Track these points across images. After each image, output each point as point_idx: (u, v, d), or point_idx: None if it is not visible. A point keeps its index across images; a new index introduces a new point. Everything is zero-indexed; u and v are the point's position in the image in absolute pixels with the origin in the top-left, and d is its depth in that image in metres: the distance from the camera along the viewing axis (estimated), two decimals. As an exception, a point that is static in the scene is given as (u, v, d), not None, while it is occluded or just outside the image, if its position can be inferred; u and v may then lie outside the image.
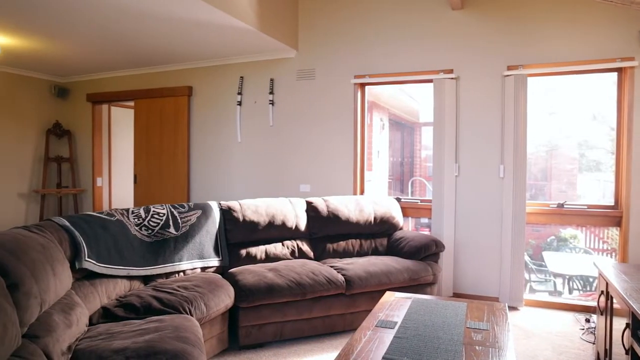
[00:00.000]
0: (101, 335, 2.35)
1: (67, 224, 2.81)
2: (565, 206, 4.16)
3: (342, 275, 3.52)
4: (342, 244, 4.19)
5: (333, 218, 4.14)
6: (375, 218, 4.29)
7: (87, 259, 2.78)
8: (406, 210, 4.70)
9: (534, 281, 5.44)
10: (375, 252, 4.26)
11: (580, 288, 5.21)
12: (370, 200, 4.40)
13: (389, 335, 2.26)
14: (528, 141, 4.14)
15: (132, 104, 6.31)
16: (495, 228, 4.28)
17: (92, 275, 2.86)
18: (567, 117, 5.56)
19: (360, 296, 3.54)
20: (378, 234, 4.35)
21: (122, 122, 7.05)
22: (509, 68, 4.19)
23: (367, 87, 4.96)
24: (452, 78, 4.38)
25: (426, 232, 5.06)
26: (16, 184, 6.34)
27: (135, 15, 3.86)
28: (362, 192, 4.94)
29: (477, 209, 4.36)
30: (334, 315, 3.49)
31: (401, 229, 4.48)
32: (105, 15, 3.88)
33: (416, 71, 4.55)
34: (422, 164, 8.07)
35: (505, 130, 4.18)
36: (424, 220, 5.53)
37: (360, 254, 4.20)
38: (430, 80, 4.49)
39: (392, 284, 3.58)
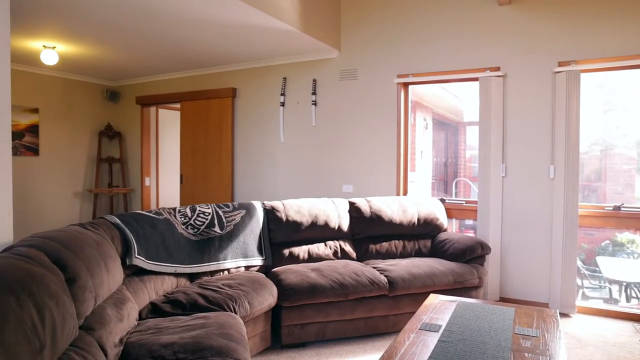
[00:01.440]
0: (150, 329, 2.42)
1: (119, 222, 2.92)
2: (622, 209, 3.95)
3: (385, 276, 3.49)
4: (385, 245, 4.15)
5: (376, 219, 4.11)
6: (418, 219, 4.23)
7: (137, 256, 2.88)
8: (450, 212, 4.61)
9: (586, 287, 5.20)
10: (419, 253, 4.19)
11: (639, 296, 4.93)
12: (414, 201, 4.34)
13: (433, 339, 2.21)
14: (580, 140, 3.96)
15: (178, 106, 6.49)
16: (545, 231, 4.12)
17: (141, 272, 2.96)
18: (624, 114, 5.28)
19: (403, 298, 3.50)
20: (421, 235, 4.29)
21: (169, 124, 7.29)
22: (560, 64, 4.02)
23: (410, 87, 4.90)
24: (498, 76, 4.25)
25: (471, 234, 4.93)
26: (71, 184, 6.66)
27: (184, 20, 3.97)
28: (405, 193, 4.88)
29: (526, 210, 4.21)
30: (376, 317, 3.47)
31: (445, 230, 4.39)
32: (155, 21, 4.01)
33: (461, 69, 4.45)
34: (466, 165, 7.87)
35: (556, 129, 4.02)
36: (469, 222, 5.40)
37: (403, 255, 4.15)
38: (475, 79, 4.37)
39: (436, 287, 3.52)
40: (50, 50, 4.91)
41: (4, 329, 1.33)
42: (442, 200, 4.60)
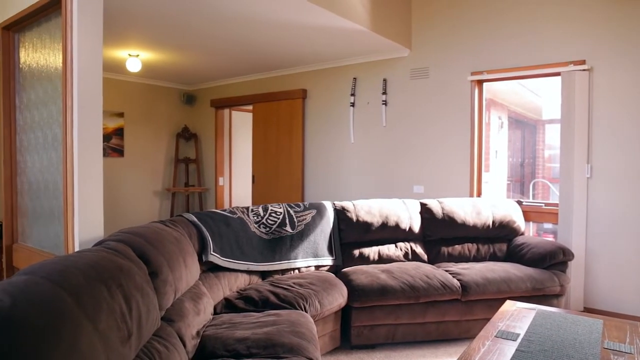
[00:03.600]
0: (224, 324, 2.51)
1: (196, 220, 3.05)
2: None
3: (458, 280, 3.37)
4: (458, 247, 4.02)
5: (448, 220, 3.99)
6: (493, 222, 4.05)
7: (212, 252, 3.00)
8: (528, 215, 4.37)
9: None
10: (494, 257, 4.02)
11: None
12: (489, 203, 4.16)
13: (510, 348, 2.11)
14: (679, 138, 3.61)
15: (250, 107, 6.69)
16: (637, 236, 3.79)
17: (216, 268, 3.07)
18: None
19: (477, 303, 3.37)
20: (496, 238, 4.10)
21: (241, 125, 7.53)
22: (656, 56, 3.69)
23: (484, 84, 4.71)
24: (584, 70, 3.97)
25: (550, 238, 4.65)
26: (152, 183, 7.07)
27: (257, 24, 4.08)
28: (479, 195, 4.70)
29: (615, 214, 3.89)
30: (448, 322, 3.36)
31: (522, 234, 4.18)
32: (230, 27, 4.16)
33: (540, 64, 4.21)
34: (545, 165, 7.45)
35: (650, 126, 3.69)
36: (548, 226, 5.10)
37: (477, 259, 3.99)
38: (557, 74, 4.11)
39: (512, 293, 3.35)
40: (134, 59, 5.25)
41: (98, 316, 1.44)
42: (519, 203, 4.37)
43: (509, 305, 2.72)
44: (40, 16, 2.61)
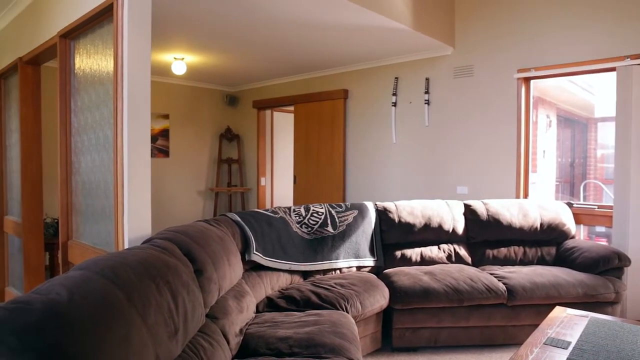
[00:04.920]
0: (267, 322, 2.54)
1: (239, 219, 3.10)
2: None
3: (504, 284, 3.27)
4: (503, 250, 3.90)
5: (493, 222, 3.88)
6: (541, 224, 3.91)
7: (255, 252, 3.04)
8: (579, 217, 4.18)
9: None
10: (542, 261, 3.87)
11: None
12: (536, 205, 4.02)
13: (560, 356, 2.02)
14: None
15: (292, 108, 6.74)
16: (700, 242, 3.56)
17: (258, 267, 3.11)
18: None
19: (523, 308, 3.25)
20: (545, 241, 3.95)
21: (283, 126, 7.61)
22: None
23: (532, 82, 4.54)
24: (640, 65, 3.76)
25: (603, 242, 4.43)
26: (195, 183, 7.25)
27: (298, 25, 4.11)
28: (525, 196, 4.54)
29: (674, 218, 3.67)
30: (493, 327, 3.27)
31: (573, 237, 4.00)
32: (272, 28, 4.21)
33: (593, 59, 4.02)
34: (597, 165, 7.10)
35: None
36: (600, 229, 4.86)
37: (524, 262, 3.86)
38: (612, 69, 3.92)
39: (562, 299, 3.22)
40: (179, 62, 5.40)
41: (147, 311, 1.48)
42: (570, 204, 4.20)
43: (559, 312, 2.61)
44: (94, 23, 2.73)
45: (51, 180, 4.85)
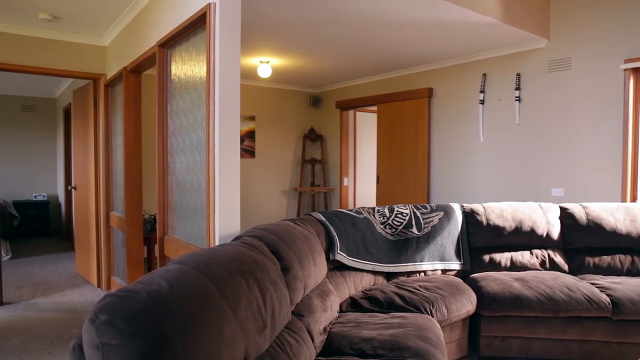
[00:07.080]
0: (350, 322, 2.54)
1: (324, 219, 3.14)
2: None
3: (607, 295, 3.00)
4: (607, 258, 3.58)
5: (594, 228, 3.58)
6: (652, 231, 3.53)
7: (339, 251, 3.06)
8: (698, 224, 3.73)
9: None
10: (652, 272, 3.51)
11: None
12: (645, 209, 3.64)
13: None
14: None
15: (375, 108, 6.70)
16: None
17: (342, 267, 3.13)
18: None
19: (632, 324, 2.95)
20: (656, 250, 3.57)
21: (366, 126, 7.60)
22: None
23: (641, 73, 4.13)
24: None
25: None
26: (280, 182, 7.46)
27: (382, 24, 4.07)
28: (633, 199, 4.13)
29: None
30: (595, 342, 3.01)
31: (691, 246, 3.58)
32: (355, 28, 4.21)
33: None
34: None
35: None
36: None
37: (632, 273, 3.51)
38: None
39: (678, 314, 2.89)
40: (265, 65, 5.58)
41: (238, 305, 1.55)
42: (686, 209, 3.75)
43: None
44: (189, 32, 2.90)
45: (149, 179, 5.25)
